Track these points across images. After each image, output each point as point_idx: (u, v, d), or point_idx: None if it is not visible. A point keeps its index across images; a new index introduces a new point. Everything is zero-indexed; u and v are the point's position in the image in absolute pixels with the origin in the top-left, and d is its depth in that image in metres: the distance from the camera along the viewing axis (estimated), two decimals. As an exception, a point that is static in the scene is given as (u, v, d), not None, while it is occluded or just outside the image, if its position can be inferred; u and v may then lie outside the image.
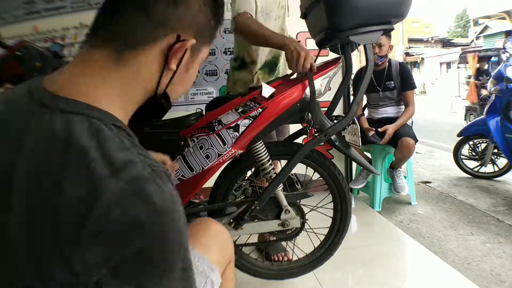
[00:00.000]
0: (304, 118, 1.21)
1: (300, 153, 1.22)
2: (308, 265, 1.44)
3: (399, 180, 2.48)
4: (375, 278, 1.55)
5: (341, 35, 1.13)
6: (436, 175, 3.59)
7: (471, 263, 1.80)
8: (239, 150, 1.19)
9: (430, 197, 2.91)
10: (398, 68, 2.53)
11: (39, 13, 2.67)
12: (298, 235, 1.38)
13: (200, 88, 2.70)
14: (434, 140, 5.61)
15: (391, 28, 1.17)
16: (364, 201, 2.69)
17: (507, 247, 1.96)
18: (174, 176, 1.17)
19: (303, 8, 1.35)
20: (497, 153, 3.23)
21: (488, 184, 3.17)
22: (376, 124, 2.56)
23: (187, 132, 1.18)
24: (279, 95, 1.17)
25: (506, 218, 2.37)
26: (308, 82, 1.17)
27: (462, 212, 2.53)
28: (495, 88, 3.01)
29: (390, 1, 1.10)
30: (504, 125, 2.91)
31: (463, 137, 3.38)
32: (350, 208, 1.39)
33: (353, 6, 1.07)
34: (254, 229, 1.31)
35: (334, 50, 1.31)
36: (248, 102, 1.17)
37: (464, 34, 35.13)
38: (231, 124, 1.16)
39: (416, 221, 2.40)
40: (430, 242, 2.05)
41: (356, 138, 1.57)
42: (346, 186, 1.38)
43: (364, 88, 1.23)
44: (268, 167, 1.29)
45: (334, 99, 1.39)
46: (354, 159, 1.34)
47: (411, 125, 2.58)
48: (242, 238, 1.39)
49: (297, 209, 1.34)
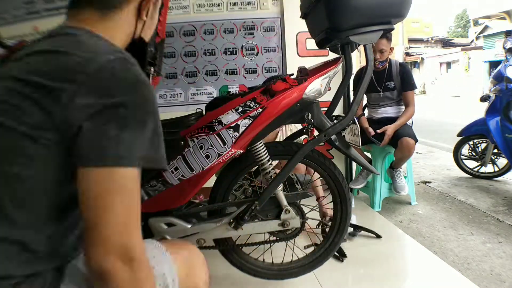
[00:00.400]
0: (304, 118, 1.21)
1: (300, 153, 1.22)
2: (308, 265, 1.44)
3: (399, 180, 2.48)
4: (375, 278, 1.55)
5: (341, 35, 1.13)
6: (436, 175, 3.59)
7: (471, 263, 1.80)
8: (239, 150, 1.19)
9: (430, 197, 2.91)
10: (398, 68, 2.53)
11: (39, 13, 2.67)
12: (298, 235, 1.38)
13: (200, 88, 2.70)
14: (434, 140, 5.61)
15: (391, 28, 1.17)
16: (364, 201, 2.69)
17: (507, 247, 1.96)
18: (174, 176, 1.17)
19: (303, 8, 1.35)
20: (497, 153, 3.23)
21: (488, 184, 3.17)
22: (376, 124, 2.56)
23: (187, 132, 1.18)
24: (279, 95, 1.17)
25: (506, 218, 2.37)
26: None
27: (462, 212, 2.53)
28: (495, 88, 3.01)
29: (390, 1, 1.11)
30: (504, 125, 2.91)
31: (463, 137, 3.38)
32: (350, 208, 1.39)
33: (353, 6, 1.07)
34: (254, 229, 1.31)
35: (334, 50, 1.31)
36: (248, 102, 1.17)
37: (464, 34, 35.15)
38: (231, 124, 1.16)
39: (416, 221, 2.40)
40: (430, 242, 2.05)
41: (356, 138, 1.57)
42: (346, 186, 1.38)
43: (364, 88, 1.23)
44: (268, 167, 1.29)
45: (334, 99, 1.39)
46: (354, 159, 1.34)
47: (411, 125, 2.57)
48: (242, 238, 1.39)
49: (297, 209, 1.34)
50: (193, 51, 2.65)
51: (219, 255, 1.41)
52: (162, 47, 1.50)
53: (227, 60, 2.66)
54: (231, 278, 1.54)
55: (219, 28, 2.64)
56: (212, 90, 2.69)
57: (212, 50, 2.65)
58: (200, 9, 2.65)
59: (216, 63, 2.66)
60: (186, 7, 2.64)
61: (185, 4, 2.63)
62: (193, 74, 2.69)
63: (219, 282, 1.54)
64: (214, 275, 1.57)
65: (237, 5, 2.65)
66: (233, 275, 1.48)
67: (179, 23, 2.63)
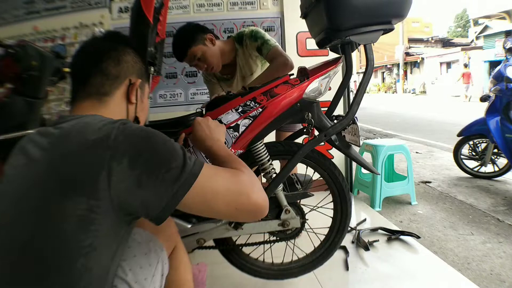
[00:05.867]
0: (304, 118, 1.21)
1: (300, 153, 1.22)
2: (308, 265, 1.44)
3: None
4: (375, 278, 1.55)
5: (341, 35, 1.13)
6: (436, 175, 3.59)
7: (471, 263, 1.80)
8: (239, 150, 1.19)
9: (430, 197, 2.91)
10: None
11: (39, 13, 2.67)
12: (298, 235, 1.38)
13: (200, 88, 2.70)
14: (434, 140, 5.60)
15: (391, 28, 1.17)
16: (364, 201, 2.69)
17: (507, 247, 1.96)
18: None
19: (303, 8, 1.35)
20: (497, 153, 3.23)
21: (488, 184, 3.17)
22: None
23: (187, 132, 1.18)
24: (279, 95, 1.17)
25: (506, 218, 2.37)
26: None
27: (462, 212, 2.53)
28: (495, 88, 3.01)
29: (390, 1, 1.10)
30: (504, 125, 2.91)
31: (463, 137, 3.38)
32: (350, 208, 1.39)
33: (353, 6, 1.07)
34: (254, 229, 1.31)
35: (334, 50, 1.31)
36: (248, 102, 1.17)
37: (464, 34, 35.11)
38: (231, 124, 1.16)
39: (416, 221, 2.40)
40: (430, 242, 2.05)
41: (356, 138, 1.57)
42: (346, 186, 1.38)
43: (364, 88, 1.22)
44: (268, 167, 1.29)
45: (334, 99, 1.38)
46: (354, 159, 1.34)
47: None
48: (242, 238, 1.39)
49: (297, 209, 1.34)
50: (193, 51, 2.65)
51: (219, 255, 1.41)
52: (162, 47, 1.50)
53: (227, 60, 2.65)
54: (231, 278, 1.54)
55: (219, 28, 2.64)
56: (212, 90, 2.69)
57: (212, 50, 2.65)
58: (200, 9, 2.65)
59: (216, 63, 2.66)
60: (186, 7, 2.64)
61: (185, 4, 2.63)
62: (193, 74, 2.69)
63: (219, 282, 1.54)
64: (214, 275, 1.58)
65: (237, 5, 2.65)
66: (233, 275, 1.48)
67: (179, 23, 2.61)
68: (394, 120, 9.00)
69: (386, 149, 2.58)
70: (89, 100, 0.76)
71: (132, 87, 0.80)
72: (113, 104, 0.77)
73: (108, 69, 0.77)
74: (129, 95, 0.80)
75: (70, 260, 0.59)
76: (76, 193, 0.59)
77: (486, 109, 3.12)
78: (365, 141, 2.83)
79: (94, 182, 0.59)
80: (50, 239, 0.59)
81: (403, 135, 6.37)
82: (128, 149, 0.62)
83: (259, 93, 1.18)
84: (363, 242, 1.82)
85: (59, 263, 0.59)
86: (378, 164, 2.58)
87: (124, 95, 0.79)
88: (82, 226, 0.59)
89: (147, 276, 0.77)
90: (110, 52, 0.79)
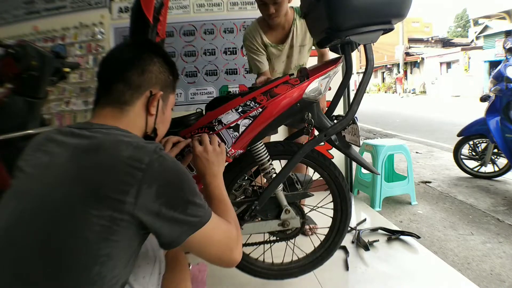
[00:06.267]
0: (304, 118, 1.21)
1: (300, 153, 1.22)
2: (308, 265, 1.44)
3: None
4: (375, 278, 1.55)
5: (341, 35, 1.13)
6: (436, 175, 3.59)
7: (471, 263, 1.80)
8: (239, 150, 1.19)
9: (430, 197, 2.91)
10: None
11: (39, 13, 2.67)
12: (298, 235, 1.38)
13: (200, 88, 2.71)
14: (434, 140, 5.60)
15: (391, 28, 1.17)
16: (364, 201, 2.69)
17: (507, 247, 1.96)
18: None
19: (303, 8, 1.35)
20: (497, 153, 3.23)
21: (488, 184, 3.17)
22: None
23: (187, 132, 1.18)
24: (279, 95, 1.17)
25: (506, 218, 2.37)
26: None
27: (462, 212, 2.53)
28: (495, 88, 3.01)
29: (390, 1, 1.10)
30: (504, 125, 2.91)
31: (463, 137, 3.38)
32: (350, 208, 1.39)
33: (353, 6, 1.07)
34: (254, 229, 1.31)
35: (334, 50, 1.30)
36: (248, 102, 1.17)
37: (464, 34, 35.13)
38: (231, 124, 1.15)
39: (416, 221, 2.40)
40: (430, 242, 2.05)
41: (356, 138, 1.57)
42: (346, 186, 1.38)
43: (364, 88, 1.22)
44: (268, 167, 1.29)
45: (334, 99, 1.38)
46: (354, 159, 1.34)
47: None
48: (242, 238, 1.38)
49: (297, 209, 1.34)
50: (193, 51, 2.66)
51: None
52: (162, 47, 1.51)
53: (227, 60, 2.66)
54: (231, 278, 1.54)
55: (219, 28, 2.65)
56: (212, 90, 2.69)
57: (212, 50, 2.65)
58: (200, 9, 2.65)
59: (216, 63, 2.67)
60: (186, 7, 2.64)
61: (185, 4, 2.64)
62: (193, 74, 2.69)
63: (219, 282, 1.54)
64: (214, 275, 1.57)
65: (237, 5, 2.65)
66: (233, 275, 1.48)
67: (179, 23, 2.63)
68: (394, 120, 9.01)
69: (386, 149, 2.58)
70: (110, 107, 0.76)
71: (152, 98, 0.79)
72: (133, 114, 0.77)
73: (132, 78, 0.77)
74: (149, 106, 0.79)
75: (85, 266, 0.60)
76: (102, 204, 0.61)
77: (486, 109, 3.12)
78: (365, 141, 2.83)
79: (122, 197, 0.61)
80: (69, 242, 0.60)
81: (403, 135, 6.39)
82: (159, 178, 0.65)
83: (259, 93, 1.17)
84: (363, 242, 1.82)
85: (73, 267, 0.60)
86: (378, 164, 2.58)
87: (144, 105, 0.79)
88: (103, 236, 0.61)
89: (145, 274, 0.79)
90: (134, 61, 0.78)
